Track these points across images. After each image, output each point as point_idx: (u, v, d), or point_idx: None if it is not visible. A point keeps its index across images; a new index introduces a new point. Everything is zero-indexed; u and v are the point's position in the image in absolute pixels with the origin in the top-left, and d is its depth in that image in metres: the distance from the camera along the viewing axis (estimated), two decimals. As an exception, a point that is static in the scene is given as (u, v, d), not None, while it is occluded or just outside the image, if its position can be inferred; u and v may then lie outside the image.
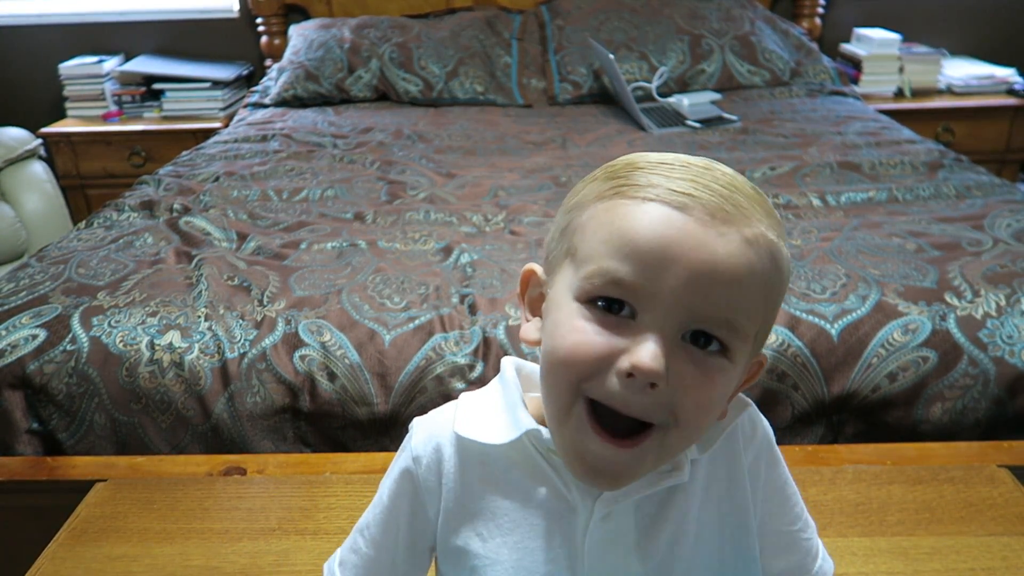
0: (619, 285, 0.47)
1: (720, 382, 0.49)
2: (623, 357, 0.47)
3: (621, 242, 0.47)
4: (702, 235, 0.46)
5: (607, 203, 0.49)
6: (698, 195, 0.47)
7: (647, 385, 0.46)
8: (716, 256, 0.46)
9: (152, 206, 1.76)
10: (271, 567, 0.91)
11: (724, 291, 0.47)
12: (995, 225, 1.48)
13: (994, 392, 1.19)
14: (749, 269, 0.47)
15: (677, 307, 0.46)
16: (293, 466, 1.12)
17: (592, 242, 0.49)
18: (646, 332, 0.47)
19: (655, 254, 0.46)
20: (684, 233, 0.46)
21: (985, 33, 3.06)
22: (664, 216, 0.47)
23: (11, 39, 3.10)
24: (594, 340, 0.48)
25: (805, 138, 2.08)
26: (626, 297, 0.47)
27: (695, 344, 0.48)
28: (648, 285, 0.46)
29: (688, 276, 0.46)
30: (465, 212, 1.68)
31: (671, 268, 0.46)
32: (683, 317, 0.47)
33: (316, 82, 2.65)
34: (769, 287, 0.49)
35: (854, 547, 0.92)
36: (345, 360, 1.22)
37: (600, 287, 0.48)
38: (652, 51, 2.62)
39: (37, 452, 1.25)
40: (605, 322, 0.48)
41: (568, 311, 0.49)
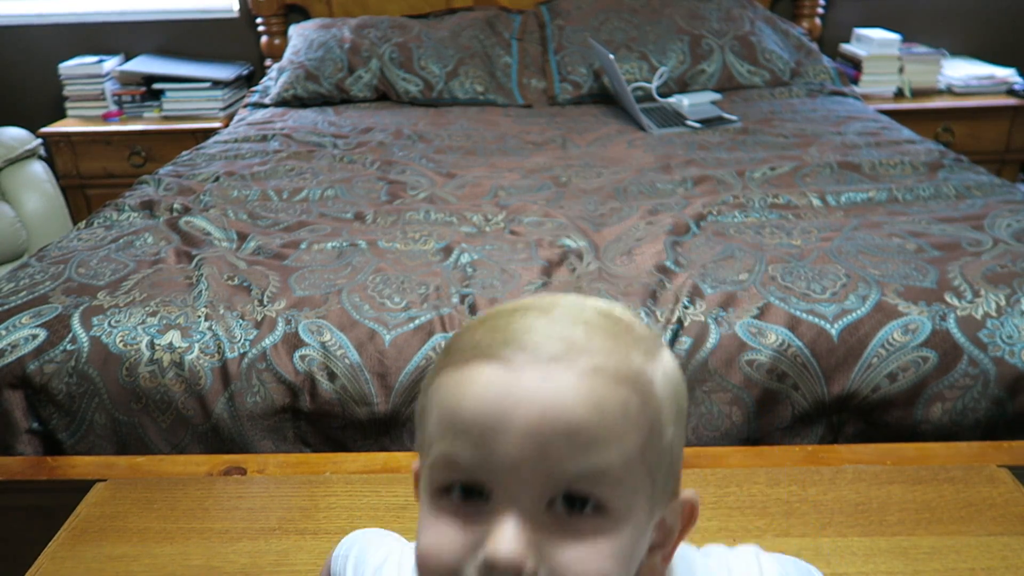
0: (459, 468, 0.41)
1: (607, 548, 0.40)
2: (479, 551, 0.40)
3: (449, 419, 0.41)
4: (528, 385, 0.40)
5: (438, 379, 0.44)
6: (523, 339, 0.41)
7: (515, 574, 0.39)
8: (545, 404, 0.39)
9: (152, 206, 1.76)
10: (271, 567, 0.91)
11: (565, 439, 0.39)
12: (995, 225, 1.48)
13: (994, 392, 1.19)
14: (592, 404, 0.40)
15: (522, 476, 0.40)
16: (293, 466, 1.12)
17: (429, 427, 0.44)
18: (500, 514, 0.40)
19: (481, 423, 0.40)
20: (507, 389, 0.40)
21: (985, 33, 3.06)
22: (484, 377, 0.41)
23: (11, 39, 3.10)
24: (445, 541, 0.41)
25: (805, 138, 2.08)
26: (473, 478, 0.41)
27: (569, 511, 0.40)
28: (486, 460, 0.40)
29: (523, 436, 0.39)
30: (465, 212, 1.68)
31: (500, 435, 0.39)
32: (536, 485, 0.40)
33: (316, 82, 2.65)
34: (629, 417, 0.41)
35: (854, 547, 0.92)
36: (345, 360, 1.22)
37: (443, 474, 0.42)
38: (652, 51, 2.62)
39: (37, 452, 1.25)
40: (461, 514, 0.41)
41: (423, 508, 0.44)
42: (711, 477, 1.04)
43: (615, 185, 1.83)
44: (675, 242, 1.49)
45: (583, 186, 1.84)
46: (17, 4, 3.09)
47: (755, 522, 0.96)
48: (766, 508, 0.98)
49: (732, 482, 1.03)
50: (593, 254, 1.46)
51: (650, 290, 1.31)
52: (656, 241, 1.47)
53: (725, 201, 1.66)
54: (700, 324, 1.24)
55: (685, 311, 1.26)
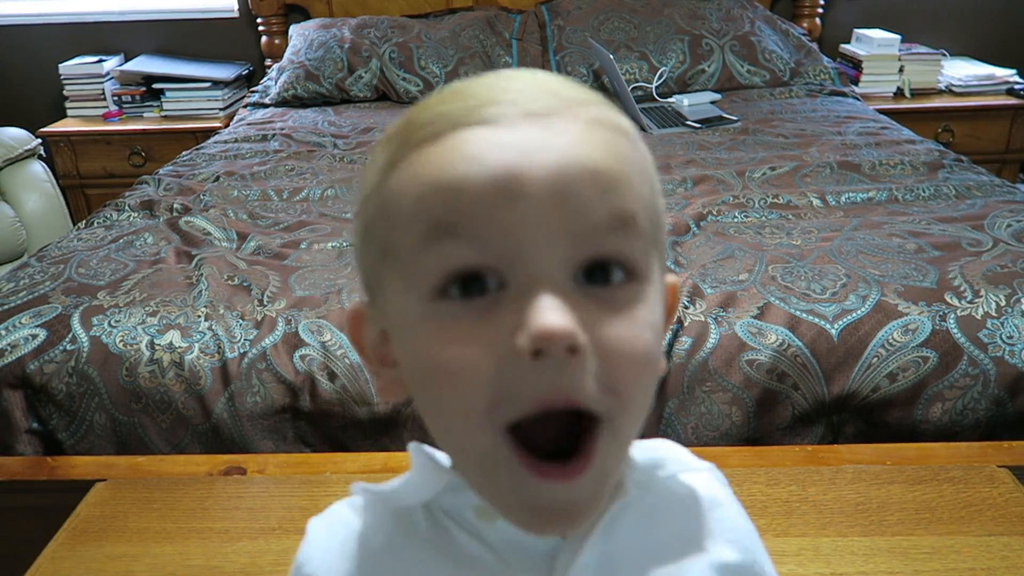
0: (462, 253, 0.34)
1: (644, 316, 0.36)
2: (517, 336, 0.33)
3: (438, 195, 0.34)
4: (534, 139, 0.34)
5: (399, 167, 0.36)
6: (506, 99, 0.35)
7: (566, 353, 0.32)
8: (563, 152, 0.34)
9: (152, 206, 1.76)
10: (271, 567, 0.91)
11: (592, 185, 0.34)
12: (995, 225, 1.48)
13: (994, 392, 1.19)
14: (608, 150, 0.35)
15: (549, 238, 0.34)
16: (293, 466, 1.12)
17: (402, 219, 0.35)
18: (529, 291, 0.33)
19: (487, 188, 0.33)
20: (510, 146, 0.34)
21: (985, 33, 3.06)
22: (477, 139, 0.34)
23: (11, 39, 3.10)
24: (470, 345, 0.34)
25: (805, 138, 2.08)
26: (481, 261, 0.34)
27: (594, 285, 0.35)
28: (499, 230, 0.33)
29: (541, 193, 0.33)
30: (465, 212, 1.68)
31: (516, 195, 0.33)
32: (564, 248, 0.34)
33: (316, 82, 2.65)
34: (639, 164, 0.38)
35: (854, 547, 0.92)
36: (345, 360, 1.22)
37: (441, 264, 0.34)
38: (652, 51, 2.62)
39: (37, 452, 1.25)
40: (473, 311, 0.34)
41: (419, 321, 0.35)
42: (711, 477, 1.04)
43: (615, 185, 1.83)
44: (675, 242, 1.49)
45: (583, 186, 1.84)
46: (17, 4, 3.09)
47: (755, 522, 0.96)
48: (766, 508, 0.98)
49: (732, 482, 1.02)
50: (593, 254, 1.46)
51: (650, 290, 1.30)
52: (656, 241, 1.47)
53: (725, 201, 1.66)
54: (700, 324, 1.24)
55: (685, 311, 1.26)
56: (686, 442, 1.21)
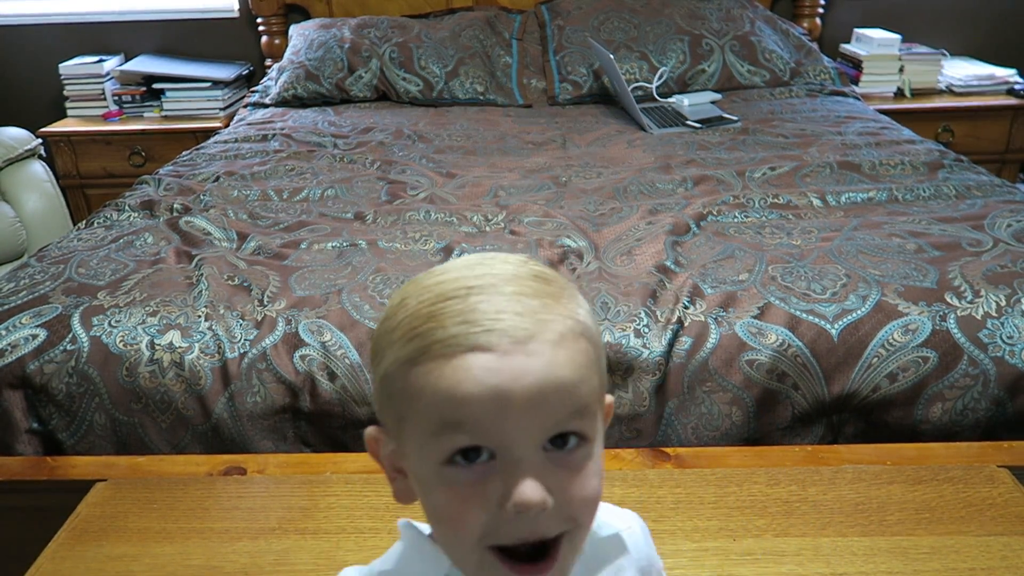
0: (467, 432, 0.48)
1: (592, 470, 0.50)
2: (508, 504, 0.47)
3: (453, 402, 0.47)
4: (517, 364, 0.47)
5: (420, 368, 0.49)
6: (499, 327, 0.48)
7: (538, 512, 0.47)
8: (538, 375, 0.47)
9: (152, 206, 1.76)
10: (271, 567, 0.91)
11: (559, 397, 0.48)
12: (995, 225, 1.48)
13: (994, 392, 1.19)
14: (570, 364, 0.48)
15: (527, 433, 0.47)
16: (293, 466, 1.12)
17: (423, 409, 0.49)
18: (512, 467, 0.48)
19: (489, 401, 0.47)
20: (498, 371, 0.47)
21: (985, 33, 3.06)
22: (480, 364, 0.47)
23: (11, 39, 3.10)
24: (471, 503, 0.48)
25: (805, 138, 2.08)
26: (479, 444, 0.48)
27: (556, 447, 0.49)
28: (493, 429, 0.47)
29: (523, 406, 0.47)
30: (465, 212, 1.68)
31: (505, 408, 0.47)
32: (536, 436, 0.48)
33: (316, 82, 2.65)
34: (592, 359, 0.51)
35: (854, 547, 0.92)
36: (345, 360, 1.22)
37: (449, 446, 0.48)
38: (652, 51, 2.62)
39: (37, 452, 1.25)
40: (472, 475, 0.48)
41: (431, 477, 0.50)
42: (711, 477, 1.04)
43: (615, 185, 1.83)
44: (675, 242, 1.49)
45: (583, 186, 1.84)
46: (17, 4, 3.09)
47: (755, 522, 0.96)
48: (766, 508, 0.98)
49: (732, 482, 1.03)
50: (593, 254, 1.46)
51: (650, 290, 1.31)
52: (656, 241, 1.47)
53: (725, 201, 1.66)
54: (700, 324, 1.24)
55: (685, 311, 1.26)
56: (686, 442, 1.21)
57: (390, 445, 0.54)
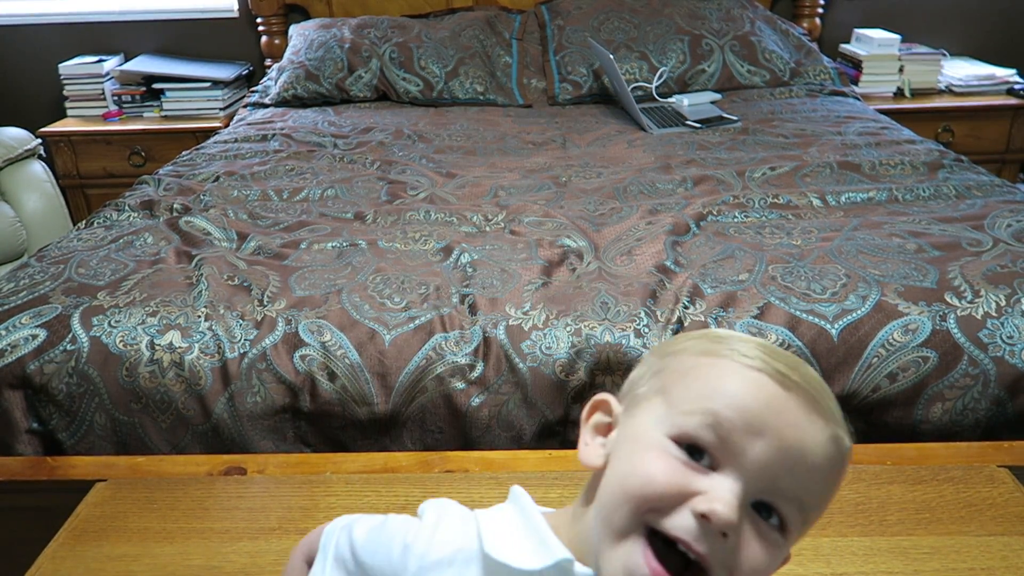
0: (715, 432, 0.49)
1: (774, 556, 0.50)
2: (701, 498, 0.48)
3: (726, 396, 0.49)
4: (800, 417, 0.49)
5: (712, 359, 0.51)
6: (799, 381, 0.50)
7: (719, 533, 0.47)
8: (807, 439, 0.49)
9: (152, 206, 1.76)
10: (271, 567, 0.91)
11: (806, 473, 0.49)
12: (995, 225, 1.48)
13: (994, 392, 1.19)
14: (830, 461, 0.50)
15: (759, 474, 0.48)
16: (293, 466, 1.12)
17: (694, 388, 0.51)
18: (725, 484, 0.48)
19: (756, 417, 0.48)
20: (785, 410, 0.49)
21: (985, 33, 3.06)
22: (770, 388, 0.49)
23: (11, 39, 3.10)
24: (676, 473, 0.49)
25: (805, 138, 2.08)
26: (715, 448, 0.49)
27: (757, 512, 0.50)
28: (741, 443, 0.48)
29: (779, 449, 0.48)
30: (465, 212, 1.68)
31: (767, 436, 0.48)
32: (760, 485, 0.49)
33: (316, 82, 2.65)
34: (835, 484, 0.52)
35: (854, 547, 0.92)
36: (345, 360, 1.22)
37: (697, 428, 0.49)
38: (652, 51, 2.62)
39: (37, 452, 1.25)
40: (690, 464, 0.49)
41: (651, 441, 0.50)
42: (711, 477, 1.04)
43: (615, 185, 1.83)
44: (675, 242, 1.49)
45: (583, 186, 1.84)
46: (17, 4, 3.09)
47: (755, 522, 0.96)
48: (766, 508, 0.98)
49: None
50: (593, 254, 1.46)
51: (650, 290, 1.31)
52: (656, 241, 1.47)
53: (725, 201, 1.66)
54: (700, 324, 1.24)
55: (685, 311, 1.26)
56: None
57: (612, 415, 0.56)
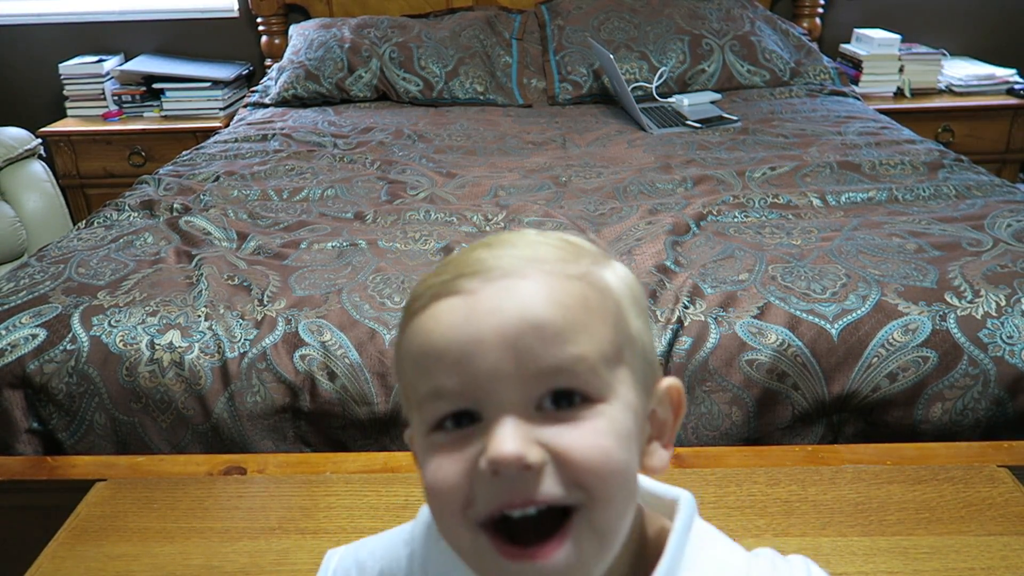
0: (445, 397, 0.43)
1: (603, 427, 0.43)
2: (481, 459, 0.42)
3: (424, 357, 0.44)
4: (487, 302, 0.43)
5: (405, 334, 0.46)
6: (470, 271, 0.44)
7: (521, 471, 0.41)
8: (507, 311, 0.42)
9: (152, 206, 1.76)
10: (271, 566, 0.91)
11: (535, 337, 0.42)
12: (995, 225, 1.48)
13: (994, 392, 1.19)
14: (551, 301, 0.43)
15: (505, 383, 0.42)
16: (293, 466, 1.12)
17: (409, 377, 0.46)
18: (493, 423, 0.42)
19: (455, 347, 0.42)
20: (465, 312, 0.43)
21: (985, 33, 3.06)
22: (447, 308, 0.43)
23: (11, 39, 3.10)
24: (449, 463, 0.43)
25: (805, 138, 2.08)
26: (460, 405, 0.43)
27: (559, 408, 0.43)
28: (468, 380, 0.42)
29: (494, 347, 0.42)
30: (465, 212, 1.68)
31: (475, 351, 0.42)
32: (519, 389, 0.42)
33: (316, 82, 2.65)
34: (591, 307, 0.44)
35: (854, 547, 0.92)
36: (345, 360, 1.22)
37: (433, 409, 0.44)
38: (652, 51, 2.62)
39: (37, 452, 1.25)
40: (456, 440, 0.43)
41: (423, 450, 0.45)
42: (711, 477, 1.04)
43: (615, 185, 1.83)
44: (675, 242, 1.49)
45: (583, 186, 1.84)
46: (17, 4, 3.09)
47: (755, 522, 0.96)
48: (766, 508, 0.98)
49: (732, 482, 1.03)
50: (593, 254, 1.46)
51: (650, 290, 1.31)
52: (656, 241, 1.47)
53: (725, 201, 1.66)
54: (700, 324, 1.24)
55: (685, 311, 1.26)
56: (686, 442, 1.21)
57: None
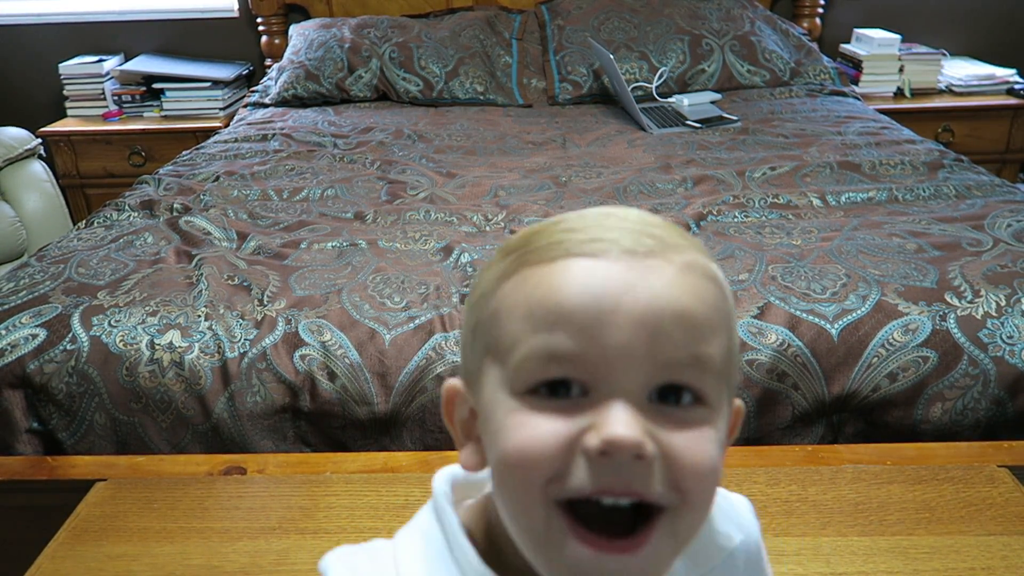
0: (559, 361, 0.39)
1: (709, 436, 0.41)
2: (590, 435, 0.38)
3: (545, 312, 0.40)
4: (632, 275, 0.40)
5: (514, 279, 0.42)
6: (610, 237, 0.41)
7: (632, 460, 0.38)
8: (655, 292, 0.39)
9: (152, 206, 1.76)
10: (271, 566, 0.91)
11: (677, 326, 0.39)
12: (995, 225, 1.48)
13: (994, 392, 1.19)
14: (696, 295, 0.40)
15: (633, 364, 0.39)
16: (293, 466, 1.12)
17: (511, 326, 0.41)
18: (608, 401, 0.39)
19: (588, 312, 0.39)
20: (611, 279, 0.39)
21: (985, 33, 3.06)
22: (584, 268, 0.40)
23: (11, 39, 3.10)
24: (546, 429, 0.39)
25: (805, 138, 2.08)
26: (571, 374, 0.39)
27: (666, 404, 0.40)
28: (592, 349, 0.39)
29: (633, 323, 0.39)
30: (465, 212, 1.68)
31: (611, 321, 0.39)
32: (644, 373, 0.39)
33: (316, 82, 2.65)
34: (722, 311, 0.42)
35: (854, 547, 0.92)
36: (345, 360, 1.22)
37: (537, 370, 0.40)
38: (652, 51, 2.62)
39: (37, 452, 1.25)
40: (555, 408, 0.39)
41: (506, 409, 0.41)
42: (711, 477, 1.04)
43: (615, 185, 1.83)
44: (675, 242, 1.48)
45: (583, 186, 1.84)
46: (17, 4, 3.09)
47: (755, 522, 0.96)
48: (766, 508, 0.98)
49: (732, 482, 1.03)
50: (593, 254, 1.46)
51: (650, 290, 1.30)
52: (656, 241, 1.47)
53: (725, 201, 1.66)
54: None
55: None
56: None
57: (468, 403, 0.46)
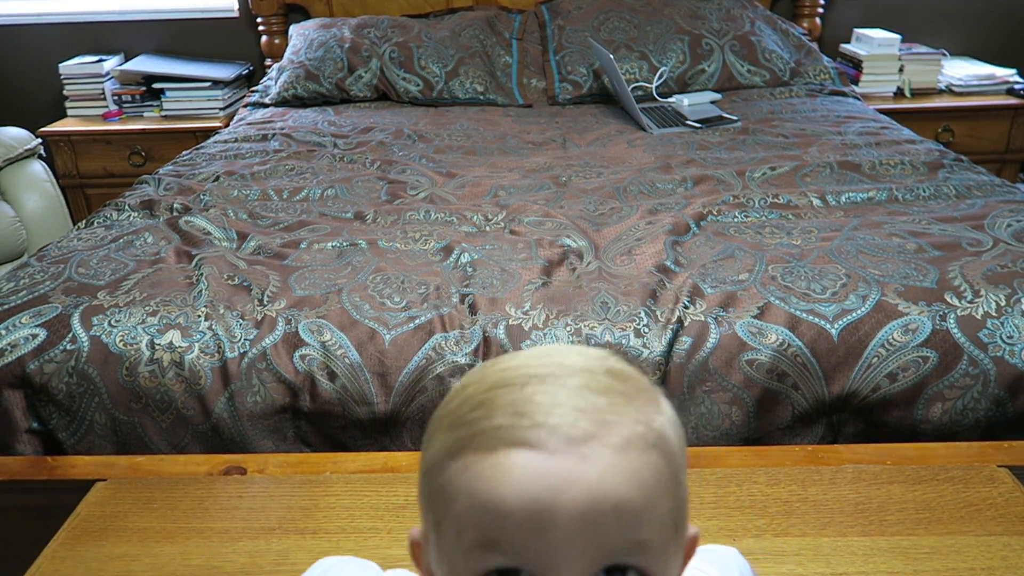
0: (499, 552, 0.41)
1: None
2: None
3: (485, 510, 0.41)
4: (569, 467, 0.40)
5: (459, 461, 0.43)
6: (551, 422, 0.41)
7: None
8: (592, 486, 0.40)
9: (152, 206, 1.76)
10: (271, 566, 0.91)
11: (615, 519, 0.40)
12: (995, 225, 1.48)
13: (994, 392, 1.19)
14: (633, 479, 0.41)
15: (574, 554, 0.41)
16: (293, 466, 1.12)
17: (456, 512, 0.43)
18: None
19: (527, 510, 0.40)
20: (548, 475, 0.40)
21: (985, 33, 3.06)
22: (521, 463, 0.41)
23: (11, 39, 3.10)
24: None
25: (805, 138, 2.08)
26: (515, 564, 0.41)
27: None
28: (532, 545, 0.40)
29: (571, 520, 0.40)
30: (465, 212, 1.68)
31: (550, 520, 0.40)
32: (586, 561, 0.41)
33: (316, 82, 2.65)
34: (664, 478, 0.43)
35: (854, 547, 0.92)
36: (345, 360, 1.22)
37: (486, 557, 0.42)
38: (652, 51, 2.62)
39: (37, 452, 1.25)
40: None
41: None
42: (711, 477, 1.04)
43: (615, 185, 1.83)
44: (675, 242, 1.49)
45: (583, 186, 1.84)
46: (17, 4, 3.09)
47: (755, 522, 0.96)
48: (766, 508, 0.98)
49: (732, 482, 1.03)
50: (593, 254, 1.46)
51: (650, 290, 1.31)
52: (656, 241, 1.47)
53: (725, 201, 1.66)
54: (700, 324, 1.24)
55: (685, 311, 1.26)
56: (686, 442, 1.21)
57: (431, 553, 0.46)
